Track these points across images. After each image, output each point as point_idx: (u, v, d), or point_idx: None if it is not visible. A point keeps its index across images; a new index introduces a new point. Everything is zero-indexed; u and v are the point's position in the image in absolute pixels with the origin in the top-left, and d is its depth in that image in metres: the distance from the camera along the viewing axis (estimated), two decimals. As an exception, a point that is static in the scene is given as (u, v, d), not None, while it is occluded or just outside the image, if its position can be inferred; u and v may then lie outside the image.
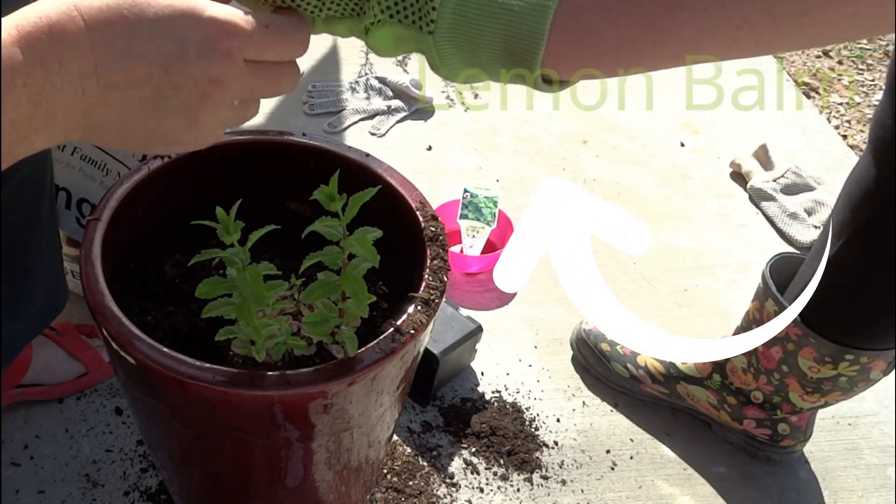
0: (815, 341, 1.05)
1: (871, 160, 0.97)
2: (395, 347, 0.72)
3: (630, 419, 1.27)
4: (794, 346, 1.08)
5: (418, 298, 0.77)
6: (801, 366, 1.08)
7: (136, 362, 0.69)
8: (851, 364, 1.05)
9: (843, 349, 1.04)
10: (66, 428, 1.16)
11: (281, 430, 0.73)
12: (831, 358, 1.05)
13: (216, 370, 0.68)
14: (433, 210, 0.87)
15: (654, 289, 1.49)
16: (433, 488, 1.14)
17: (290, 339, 0.73)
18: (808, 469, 1.23)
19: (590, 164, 1.75)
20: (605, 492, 1.17)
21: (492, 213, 1.48)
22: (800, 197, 1.69)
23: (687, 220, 1.64)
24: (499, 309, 1.42)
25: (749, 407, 1.18)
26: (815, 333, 1.05)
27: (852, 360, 1.04)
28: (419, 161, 1.71)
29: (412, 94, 1.82)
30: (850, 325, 1.03)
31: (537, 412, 1.26)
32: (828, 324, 1.04)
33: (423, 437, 1.21)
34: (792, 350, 1.08)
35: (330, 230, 0.66)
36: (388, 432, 0.89)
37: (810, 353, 1.06)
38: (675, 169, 1.77)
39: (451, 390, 1.28)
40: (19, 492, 1.09)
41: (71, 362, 1.18)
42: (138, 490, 1.10)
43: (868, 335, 1.03)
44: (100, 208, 0.81)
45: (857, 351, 1.03)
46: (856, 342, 1.03)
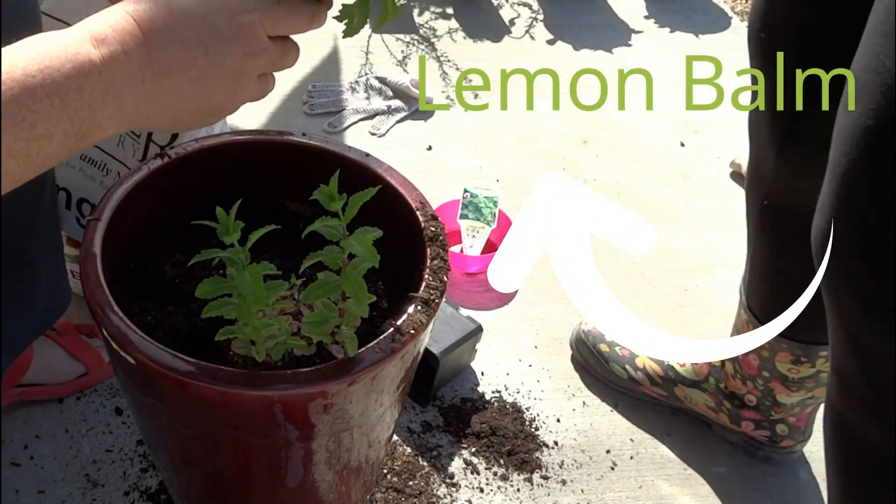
0: (786, 345, 1.06)
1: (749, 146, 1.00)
2: (395, 347, 0.72)
3: (630, 419, 1.27)
4: (769, 353, 1.08)
5: (418, 298, 0.77)
6: (781, 369, 1.09)
7: (136, 362, 0.70)
8: (828, 359, 1.05)
9: (815, 346, 1.04)
10: (66, 428, 1.16)
11: (281, 430, 0.73)
12: (807, 357, 1.06)
13: (216, 370, 0.68)
14: (433, 210, 0.87)
15: (654, 289, 1.49)
16: (433, 488, 1.14)
17: (289, 339, 0.73)
18: (808, 469, 1.23)
19: (590, 164, 1.75)
20: (605, 492, 1.17)
21: (492, 213, 1.48)
22: (800, 197, 1.69)
23: (687, 220, 1.64)
24: (499, 309, 1.42)
25: (745, 409, 1.18)
26: (784, 338, 1.05)
27: (828, 356, 1.04)
28: (419, 161, 1.71)
29: (412, 94, 1.82)
30: (809, 321, 1.03)
31: (537, 412, 1.26)
32: (792, 326, 1.04)
33: (423, 437, 1.21)
34: (767, 357, 1.09)
35: (330, 230, 0.66)
36: (388, 432, 0.89)
37: (786, 357, 1.07)
38: (675, 169, 1.77)
39: (451, 390, 1.28)
40: (19, 492, 1.09)
41: (71, 362, 1.18)
42: (138, 490, 1.10)
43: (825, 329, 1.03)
44: (100, 208, 0.81)
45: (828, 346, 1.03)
46: (822, 337, 1.03)
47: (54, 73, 0.51)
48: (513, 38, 2.12)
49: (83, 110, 0.53)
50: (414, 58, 1.99)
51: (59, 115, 0.51)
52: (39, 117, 0.50)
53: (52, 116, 0.51)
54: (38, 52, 0.51)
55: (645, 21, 2.23)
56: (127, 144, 1.13)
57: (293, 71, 1.79)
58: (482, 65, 2.00)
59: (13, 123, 0.49)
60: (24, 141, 0.50)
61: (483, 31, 2.13)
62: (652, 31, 2.20)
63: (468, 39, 2.09)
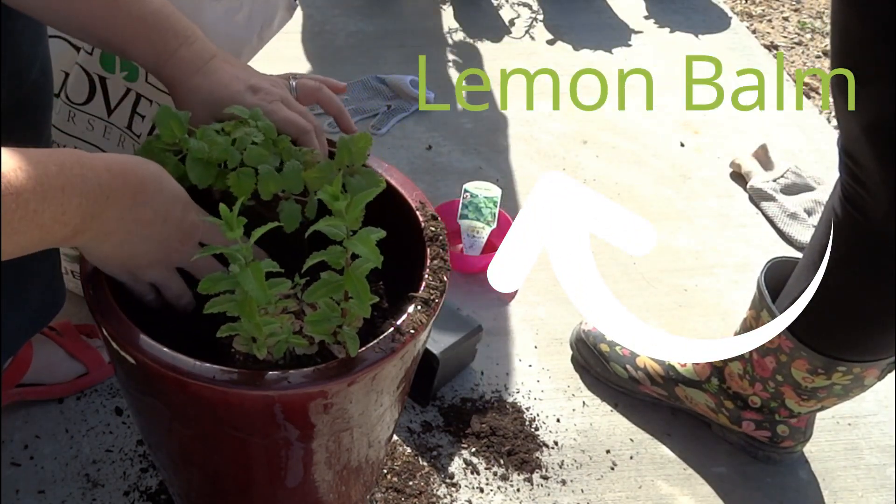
0: (806, 354, 1.05)
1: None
2: (395, 347, 0.72)
3: (630, 419, 1.27)
4: (787, 358, 1.08)
5: (418, 298, 0.77)
6: (795, 376, 1.08)
7: (136, 362, 0.69)
8: (845, 374, 1.05)
9: (836, 361, 1.04)
10: (66, 428, 1.16)
11: (281, 430, 0.73)
12: (824, 369, 1.05)
13: (216, 370, 0.68)
14: (433, 210, 0.87)
15: (654, 289, 1.49)
16: (433, 488, 1.14)
17: (291, 337, 0.73)
18: (808, 469, 1.23)
19: (590, 164, 1.75)
20: (605, 492, 1.17)
21: (492, 213, 1.48)
22: (800, 197, 1.69)
23: (687, 220, 1.64)
24: (499, 309, 1.42)
25: (747, 410, 1.18)
26: (806, 347, 1.05)
27: (845, 371, 1.04)
28: (419, 161, 1.71)
29: (412, 94, 1.82)
30: (839, 340, 1.03)
31: (537, 412, 1.26)
32: (818, 338, 1.04)
33: (423, 437, 1.21)
34: (785, 361, 1.08)
35: (333, 230, 0.66)
36: (388, 432, 0.89)
37: (803, 365, 1.07)
38: (675, 169, 1.77)
39: (451, 390, 1.28)
40: (19, 492, 1.09)
41: (71, 362, 1.18)
42: (138, 490, 1.10)
43: (858, 349, 1.03)
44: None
45: (849, 363, 1.03)
46: (847, 355, 1.03)
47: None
48: (513, 38, 2.12)
49: (54, 222, 0.61)
50: (414, 58, 1.99)
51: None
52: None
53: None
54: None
55: (645, 21, 2.23)
56: (127, 144, 1.13)
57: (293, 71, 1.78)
58: (482, 65, 2.00)
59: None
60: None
61: (483, 31, 2.13)
62: (652, 31, 2.20)
63: (468, 39, 2.09)
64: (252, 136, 0.77)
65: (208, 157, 0.76)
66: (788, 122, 1.92)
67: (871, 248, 0.95)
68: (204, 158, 0.76)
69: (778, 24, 2.32)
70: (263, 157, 0.77)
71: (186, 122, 0.77)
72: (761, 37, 2.23)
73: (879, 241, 0.94)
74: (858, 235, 0.96)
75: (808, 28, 2.30)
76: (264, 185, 0.76)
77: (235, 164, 0.76)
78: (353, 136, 0.81)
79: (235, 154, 0.76)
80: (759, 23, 2.32)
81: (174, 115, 0.77)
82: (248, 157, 0.76)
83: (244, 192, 0.75)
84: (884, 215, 0.91)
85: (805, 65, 2.15)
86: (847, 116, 0.90)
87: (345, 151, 0.80)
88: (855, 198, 0.94)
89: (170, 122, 0.77)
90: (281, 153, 0.79)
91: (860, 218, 0.94)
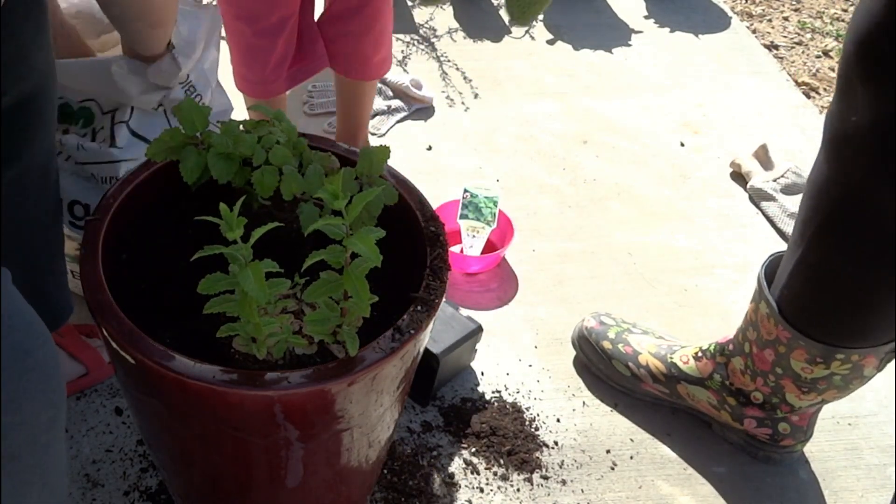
0: (804, 343, 1.06)
1: (823, 161, 0.99)
2: (395, 347, 0.72)
3: (630, 419, 1.27)
4: (786, 349, 1.08)
5: (418, 298, 0.77)
6: (794, 367, 1.08)
7: (136, 362, 0.69)
8: (843, 363, 1.05)
9: (833, 349, 1.04)
10: (66, 428, 1.16)
11: (281, 430, 0.73)
12: (822, 358, 1.05)
13: (216, 370, 0.68)
14: (433, 210, 0.87)
15: (654, 289, 1.49)
16: (433, 488, 1.14)
17: (291, 337, 0.73)
18: (809, 469, 1.23)
19: (590, 164, 1.75)
20: (605, 492, 1.17)
21: (492, 213, 1.48)
22: (800, 197, 1.69)
23: (687, 220, 1.64)
24: (499, 309, 1.42)
25: (749, 407, 1.18)
26: (803, 336, 1.05)
27: (843, 359, 1.05)
28: (419, 161, 1.71)
29: (412, 94, 1.82)
30: (833, 324, 1.04)
31: (537, 412, 1.26)
32: (813, 325, 1.05)
33: (423, 437, 1.21)
34: (784, 353, 1.09)
35: (333, 229, 0.66)
36: (388, 432, 0.89)
37: (801, 355, 1.07)
38: (675, 169, 1.77)
39: (451, 390, 1.28)
40: (19, 492, 1.09)
41: (71, 362, 1.18)
42: (138, 490, 1.10)
43: (853, 333, 1.04)
44: (101, 208, 0.81)
45: (846, 350, 1.04)
46: (843, 341, 1.04)
47: None
48: (513, 38, 2.12)
49: None
50: (414, 58, 1.99)
51: None
52: None
53: None
54: None
55: (645, 21, 2.23)
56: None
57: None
58: (482, 65, 2.00)
59: None
60: None
61: (483, 31, 2.13)
62: (652, 31, 2.20)
63: (468, 39, 2.09)
64: (276, 135, 0.78)
65: (232, 152, 0.76)
66: (788, 122, 1.92)
67: (856, 218, 0.96)
68: (227, 153, 0.76)
69: (778, 24, 2.32)
70: (287, 158, 0.77)
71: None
72: (761, 37, 2.23)
73: (863, 209, 0.94)
74: (831, 206, 0.97)
75: (808, 28, 2.30)
76: (287, 185, 0.76)
77: (260, 162, 0.76)
78: (375, 148, 0.81)
79: (261, 152, 0.76)
80: (759, 23, 2.31)
81: (197, 108, 0.77)
82: (274, 157, 0.76)
83: (267, 189, 0.75)
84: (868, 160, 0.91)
85: (805, 65, 2.15)
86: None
87: (366, 161, 0.80)
88: (840, 140, 0.95)
89: (192, 115, 0.77)
90: (300, 155, 0.80)
91: (842, 178, 0.95)
